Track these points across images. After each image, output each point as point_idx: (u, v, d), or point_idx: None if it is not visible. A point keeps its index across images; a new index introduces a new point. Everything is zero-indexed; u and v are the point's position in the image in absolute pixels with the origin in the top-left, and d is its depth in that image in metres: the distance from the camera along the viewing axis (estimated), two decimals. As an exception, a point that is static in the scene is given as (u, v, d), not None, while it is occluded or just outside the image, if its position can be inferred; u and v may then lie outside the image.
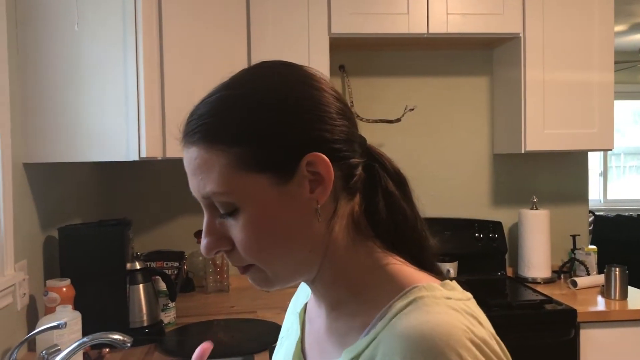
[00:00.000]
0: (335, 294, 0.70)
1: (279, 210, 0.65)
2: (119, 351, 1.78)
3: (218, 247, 0.67)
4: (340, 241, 0.68)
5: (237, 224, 0.65)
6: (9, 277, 1.56)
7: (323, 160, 0.64)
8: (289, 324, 0.84)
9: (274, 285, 0.69)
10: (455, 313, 0.60)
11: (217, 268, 2.52)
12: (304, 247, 0.67)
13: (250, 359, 1.70)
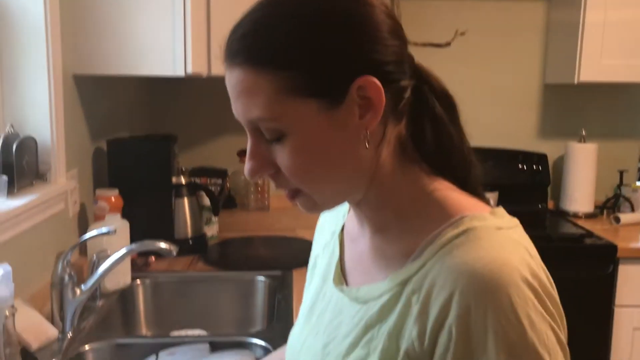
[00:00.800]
0: (380, 217, 0.70)
1: (327, 136, 0.63)
2: (164, 260, 1.87)
3: (262, 171, 0.66)
4: (387, 166, 0.67)
5: (283, 150, 0.63)
6: (61, 185, 1.63)
7: (374, 85, 0.62)
8: (323, 243, 0.84)
9: (321, 209, 0.69)
10: (507, 247, 0.60)
11: (259, 187, 2.57)
12: (351, 173, 0.66)
13: (288, 274, 1.76)
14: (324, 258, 0.82)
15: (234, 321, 1.75)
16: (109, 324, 1.53)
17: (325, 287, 0.78)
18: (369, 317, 0.66)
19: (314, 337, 0.75)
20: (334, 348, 0.69)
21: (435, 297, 0.59)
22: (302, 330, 0.79)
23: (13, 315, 1.02)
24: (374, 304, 0.66)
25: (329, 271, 0.78)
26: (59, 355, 1.27)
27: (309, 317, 0.79)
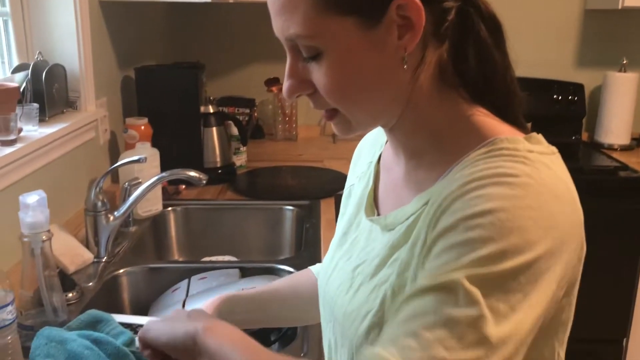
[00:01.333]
0: (415, 142, 0.69)
1: (364, 56, 0.62)
2: (194, 188, 1.89)
3: (299, 91, 0.66)
4: (425, 90, 0.65)
5: (320, 69, 0.63)
6: (90, 113, 1.64)
7: (414, 4, 0.59)
8: (359, 173, 0.84)
9: (355, 130, 0.69)
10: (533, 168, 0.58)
11: (286, 117, 2.55)
12: (387, 95, 0.65)
13: (316, 204, 1.77)
14: (358, 188, 0.82)
15: (262, 249, 1.78)
16: (142, 249, 1.57)
17: (358, 217, 0.78)
18: (395, 239, 0.67)
19: (345, 262, 0.76)
20: (362, 270, 0.71)
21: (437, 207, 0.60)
22: (334, 255, 0.80)
23: (50, 239, 1.05)
24: (401, 227, 0.67)
25: (363, 201, 0.78)
26: (95, 278, 1.31)
27: (341, 244, 0.80)
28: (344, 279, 0.73)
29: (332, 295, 0.75)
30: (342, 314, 0.70)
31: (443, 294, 0.54)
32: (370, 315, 0.65)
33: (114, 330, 0.96)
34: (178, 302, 1.26)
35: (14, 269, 1.25)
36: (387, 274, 0.66)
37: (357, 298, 0.69)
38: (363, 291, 0.68)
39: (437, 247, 0.57)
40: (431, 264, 0.57)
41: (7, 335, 0.93)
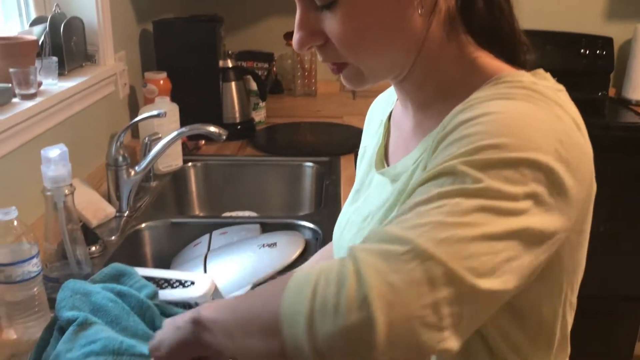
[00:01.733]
0: (424, 94, 0.69)
1: (379, 2, 0.61)
2: (214, 144, 1.89)
3: (311, 42, 0.65)
4: (435, 38, 0.65)
5: (334, 17, 0.62)
6: (110, 67, 1.63)
7: None
8: (372, 133, 0.84)
9: (367, 82, 0.68)
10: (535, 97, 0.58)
11: (305, 72, 2.52)
12: (401, 43, 0.64)
13: (336, 160, 1.76)
14: (370, 147, 0.83)
15: (282, 205, 1.78)
16: (163, 204, 1.58)
17: (371, 173, 0.79)
18: (402, 183, 0.67)
19: (357, 215, 0.77)
20: (372, 218, 0.72)
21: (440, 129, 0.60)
22: (347, 210, 0.81)
23: (72, 193, 1.05)
24: (407, 172, 0.68)
25: (374, 158, 0.79)
26: (117, 232, 1.33)
27: (353, 201, 0.81)
28: (356, 231, 0.75)
29: (345, 248, 0.75)
30: None
31: (440, 179, 0.52)
32: None
33: (137, 284, 0.97)
34: (199, 256, 1.27)
35: (37, 223, 1.26)
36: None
37: None
38: None
39: (436, 154, 0.57)
40: (429, 166, 0.56)
41: (34, 287, 0.94)
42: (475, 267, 0.47)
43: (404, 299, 0.45)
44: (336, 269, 0.48)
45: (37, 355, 0.86)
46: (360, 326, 0.44)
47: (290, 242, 1.27)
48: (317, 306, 0.46)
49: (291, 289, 0.49)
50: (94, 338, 0.79)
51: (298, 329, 0.46)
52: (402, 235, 0.48)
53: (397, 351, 0.44)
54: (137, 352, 0.79)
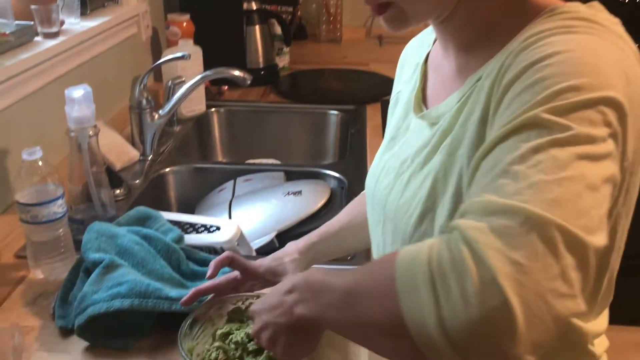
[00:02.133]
0: (466, 35, 0.66)
1: None
2: (237, 89, 1.85)
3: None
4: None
5: None
6: (132, 7, 1.59)
7: None
8: (406, 78, 0.80)
9: (409, 23, 0.65)
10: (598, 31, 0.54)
11: (331, 17, 2.44)
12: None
13: (362, 109, 1.72)
14: (406, 92, 0.79)
15: (306, 153, 1.76)
16: (187, 149, 1.56)
17: (407, 119, 0.76)
18: (446, 123, 0.65)
19: (394, 161, 0.74)
20: (412, 161, 0.69)
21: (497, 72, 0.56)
22: (382, 157, 0.78)
23: (96, 135, 1.03)
24: (451, 112, 0.65)
25: (410, 102, 0.76)
26: (141, 175, 1.32)
27: (389, 147, 0.78)
28: (393, 176, 0.72)
29: (382, 195, 0.73)
30: (394, 209, 0.69)
31: (524, 132, 0.49)
32: (423, 201, 0.64)
33: (162, 227, 0.96)
34: (224, 202, 1.26)
35: (62, 164, 1.25)
36: (439, 159, 0.64)
37: (409, 189, 0.68)
38: (414, 182, 0.67)
39: (505, 101, 0.53)
40: (502, 117, 0.53)
41: (59, 228, 0.94)
42: (587, 225, 0.45)
43: (532, 276, 0.42)
44: (448, 256, 0.45)
45: (63, 295, 0.86)
46: (496, 312, 0.42)
47: (316, 190, 1.25)
48: (442, 302, 0.44)
49: (404, 288, 0.46)
50: (120, 280, 0.79)
51: (428, 328, 0.44)
52: (509, 205, 0.45)
53: (536, 330, 0.43)
54: (163, 295, 0.79)
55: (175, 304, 0.78)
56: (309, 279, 0.58)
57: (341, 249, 0.96)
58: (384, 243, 0.74)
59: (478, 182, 0.51)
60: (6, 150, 1.12)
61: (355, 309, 0.51)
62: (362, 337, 0.53)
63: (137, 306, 0.76)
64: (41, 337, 0.81)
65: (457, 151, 0.61)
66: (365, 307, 0.50)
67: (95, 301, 0.76)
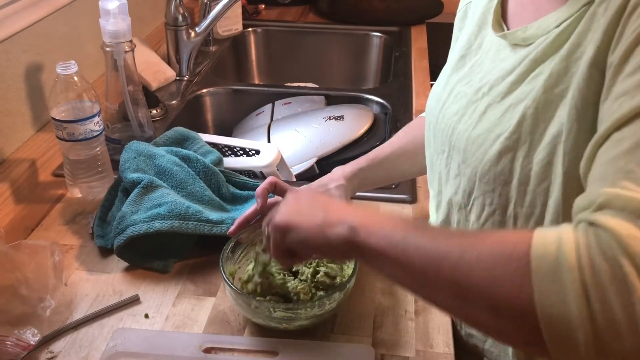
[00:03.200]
0: None
1: None
2: (274, 8, 1.77)
3: None
4: None
5: None
6: None
7: None
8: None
9: None
10: None
11: None
12: None
13: (406, 31, 1.63)
14: (479, 3, 0.70)
15: (346, 77, 1.69)
16: (223, 70, 1.51)
17: (481, 36, 0.68)
18: (539, 50, 0.57)
19: (464, 85, 0.67)
20: (490, 90, 0.62)
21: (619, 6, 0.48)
22: (448, 81, 0.71)
23: (132, 50, 0.99)
24: (547, 37, 0.56)
25: (487, 17, 0.67)
26: (178, 96, 1.28)
27: (457, 67, 0.70)
28: (464, 103, 0.65)
29: (449, 122, 0.67)
30: (464, 141, 0.63)
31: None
32: (503, 137, 0.58)
33: (201, 149, 0.93)
34: (262, 125, 1.22)
35: (98, 81, 1.22)
36: (526, 91, 0.57)
37: (485, 121, 0.61)
38: (493, 113, 0.60)
39: (637, 55, 0.46)
40: (638, 77, 0.45)
41: (97, 147, 0.91)
42: None
43: None
44: (605, 267, 0.40)
45: (102, 215, 0.85)
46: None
47: (358, 115, 1.19)
48: (599, 319, 0.39)
49: (545, 288, 0.41)
50: (160, 201, 0.76)
51: (575, 340, 0.40)
52: None
53: None
54: (204, 217, 0.76)
55: (216, 227, 0.76)
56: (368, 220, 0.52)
57: (391, 176, 0.90)
58: (448, 174, 0.69)
59: (614, 162, 0.44)
60: (40, 65, 1.09)
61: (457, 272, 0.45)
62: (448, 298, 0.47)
63: (177, 228, 0.74)
64: (80, 256, 0.81)
65: (555, 88, 0.54)
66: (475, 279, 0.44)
67: (135, 222, 0.74)
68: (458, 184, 0.66)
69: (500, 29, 0.65)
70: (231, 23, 1.58)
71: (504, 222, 0.61)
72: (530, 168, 0.56)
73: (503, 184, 0.59)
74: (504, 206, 0.60)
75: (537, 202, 0.57)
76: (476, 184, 0.62)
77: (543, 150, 0.55)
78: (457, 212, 0.68)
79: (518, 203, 0.58)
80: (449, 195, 0.69)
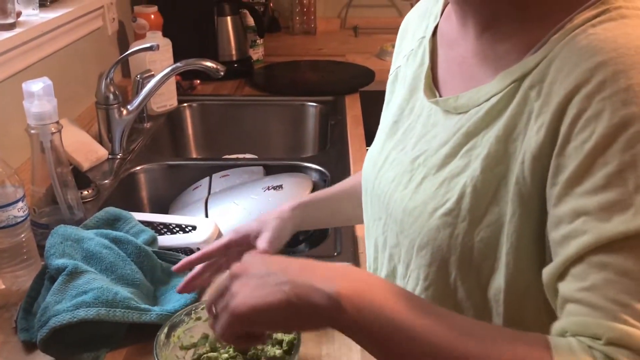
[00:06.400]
0: (491, 9, 0.58)
1: None
2: (210, 83, 1.78)
3: None
4: None
5: None
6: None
7: None
8: (408, 52, 0.72)
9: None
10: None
11: (304, 8, 2.38)
12: None
13: (340, 99, 1.66)
14: (408, 68, 0.71)
15: (285, 147, 1.69)
16: (159, 146, 1.49)
17: (413, 101, 0.68)
18: (471, 124, 0.56)
19: (399, 152, 0.66)
20: (425, 160, 0.61)
21: (562, 83, 0.48)
22: (384, 146, 0.70)
23: (59, 131, 0.96)
24: (478, 110, 0.56)
25: (418, 82, 0.68)
26: (110, 175, 1.24)
27: (391, 134, 0.70)
28: (400, 172, 0.64)
29: (385, 190, 0.66)
30: (401, 211, 0.62)
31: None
32: (441, 213, 0.56)
33: (133, 229, 0.90)
34: (200, 200, 1.19)
35: (24, 167, 1.17)
36: (460, 165, 0.56)
37: (420, 193, 0.60)
38: (427, 185, 0.59)
39: (595, 175, 0.45)
40: (599, 199, 0.45)
41: (21, 233, 0.86)
42: None
43: None
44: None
45: (27, 306, 0.79)
46: None
47: (297, 184, 1.19)
48: None
49: None
50: (85, 288, 0.72)
51: None
52: None
53: None
54: (132, 305, 0.72)
55: (144, 314, 0.72)
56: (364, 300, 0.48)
57: (335, 216, 0.87)
58: (385, 242, 0.67)
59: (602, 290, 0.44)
60: (-39, 152, 1.04)
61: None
62: None
63: (103, 316, 0.69)
64: (3, 352, 0.74)
65: (495, 169, 0.53)
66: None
67: (58, 311, 0.69)
68: (398, 254, 0.64)
69: (432, 95, 0.65)
70: (166, 99, 1.57)
71: (440, 297, 0.59)
72: (471, 246, 0.55)
73: (440, 259, 0.57)
74: (442, 283, 0.58)
75: (481, 277, 0.55)
76: (413, 257, 0.61)
77: (486, 229, 0.54)
78: (399, 282, 0.66)
79: (458, 279, 0.57)
80: (388, 264, 0.67)
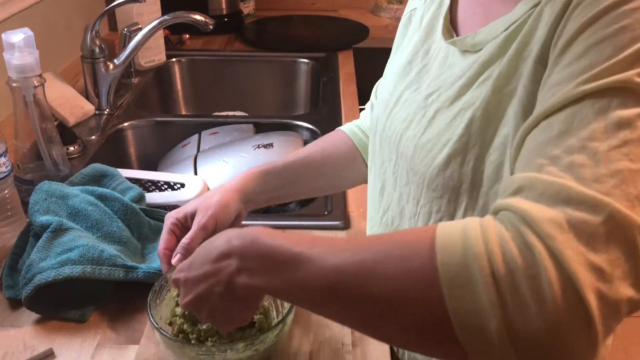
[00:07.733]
0: None
1: None
2: (199, 38, 1.74)
3: None
4: None
5: None
6: (80, -53, 1.45)
7: None
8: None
9: None
10: None
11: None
12: None
13: (333, 56, 1.63)
14: (426, 11, 0.69)
15: (275, 104, 1.67)
16: (147, 102, 1.46)
17: (428, 42, 0.66)
18: (487, 54, 0.55)
19: (412, 92, 0.65)
20: (439, 96, 0.60)
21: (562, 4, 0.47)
22: (396, 86, 0.68)
23: (42, 85, 0.93)
24: (495, 42, 0.55)
25: (435, 24, 0.66)
26: (97, 131, 1.22)
27: (404, 74, 0.68)
28: (413, 110, 0.63)
29: (397, 129, 0.65)
30: (412, 148, 0.61)
31: (605, 98, 0.42)
32: (452, 142, 0.56)
33: (120, 186, 0.88)
34: (188, 157, 1.17)
35: (7, 121, 1.15)
36: (476, 95, 0.55)
37: (433, 127, 0.59)
38: (442, 118, 0.59)
39: (576, 45, 0.45)
40: (572, 66, 0.44)
41: (4, 189, 0.84)
42: None
43: (613, 284, 0.38)
44: (515, 252, 0.38)
45: (12, 263, 0.78)
46: (575, 324, 0.38)
47: (288, 142, 1.17)
48: (510, 305, 0.38)
49: (451, 282, 0.39)
50: (70, 245, 0.70)
51: (486, 333, 0.38)
52: (590, 197, 0.39)
53: (605, 338, 0.39)
54: (119, 262, 0.71)
55: (131, 272, 0.71)
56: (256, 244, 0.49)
57: (301, 187, 0.82)
58: (395, 184, 0.67)
59: (540, 148, 0.43)
60: (-58, 106, 1.01)
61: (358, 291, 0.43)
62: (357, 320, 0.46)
63: (89, 274, 0.68)
64: (-12, 310, 0.73)
65: (505, 89, 0.53)
66: (375, 291, 0.42)
67: (43, 269, 0.68)
68: (408, 192, 0.64)
69: (449, 36, 0.64)
70: (154, 54, 1.53)
71: None
72: (482, 171, 0.55)
73: (452, 189, 0.57)
74: (452, 213, 0.58)
75: (489, 205, 0.55)
76: (423, 192, 0.60)
77: (495, 152, 0.53)
78: (407, 222, 0.66)
79: (469, 207, 0.57)
80: (397, 205, 0.67)
